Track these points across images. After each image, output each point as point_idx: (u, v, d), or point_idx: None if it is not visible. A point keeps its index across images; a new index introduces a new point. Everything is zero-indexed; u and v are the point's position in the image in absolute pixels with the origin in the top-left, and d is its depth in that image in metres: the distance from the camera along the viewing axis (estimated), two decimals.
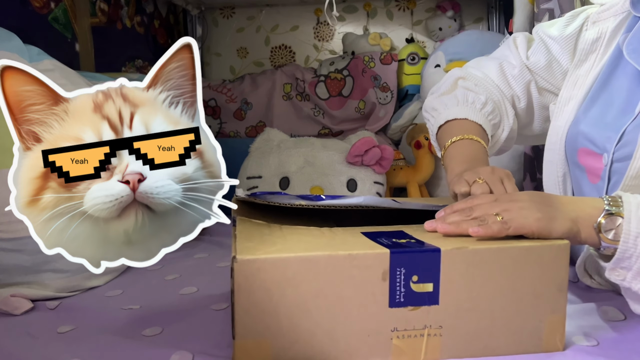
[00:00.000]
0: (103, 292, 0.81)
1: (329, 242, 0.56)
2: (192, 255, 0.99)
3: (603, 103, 0.72)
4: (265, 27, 1.91)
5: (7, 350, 0.62)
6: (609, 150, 0.67)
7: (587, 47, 0.77)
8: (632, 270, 0.55)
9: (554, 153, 0.78)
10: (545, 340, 0.56)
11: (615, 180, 0.68)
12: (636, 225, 0.55)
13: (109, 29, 1.42)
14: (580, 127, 0.73)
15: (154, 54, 1.66)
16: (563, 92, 0.79)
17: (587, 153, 0.72)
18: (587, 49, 0.77)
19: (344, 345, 0.53)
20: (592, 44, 0.77)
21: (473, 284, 0.54)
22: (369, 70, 1.66)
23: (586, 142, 0.72)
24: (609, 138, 0.68)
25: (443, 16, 1.78)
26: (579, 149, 0.73)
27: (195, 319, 0.69)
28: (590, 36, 0.77)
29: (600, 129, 0.70)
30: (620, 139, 0.67)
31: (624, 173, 0.65)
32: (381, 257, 0.52)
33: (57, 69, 0.88)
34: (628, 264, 0.55)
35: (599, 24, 0.77)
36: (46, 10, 1.15)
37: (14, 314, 0.72)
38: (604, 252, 0.58)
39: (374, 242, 0.56)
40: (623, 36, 0.72)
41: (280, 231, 0.60)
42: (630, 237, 0.55)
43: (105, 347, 0.62)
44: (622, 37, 0.72)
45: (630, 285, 0.56)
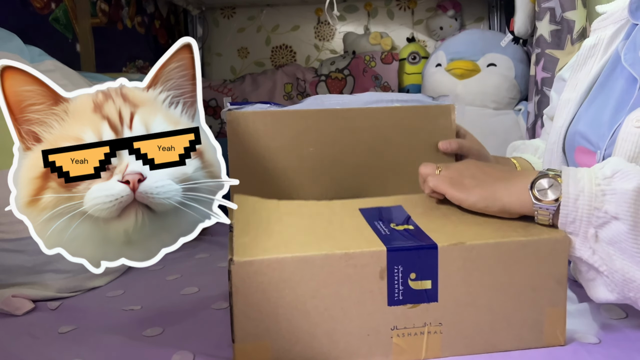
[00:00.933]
0: (104, 293, 0.81)
1: (326, 232, 0.56)
2: (193, 255, 0.99)
3: (600, 104, 0.74)
4: (265, 27, 1.91)
5: (9, 350, 0.62)
6: (601, 148, 0.69)
7: (585, 53, 0.80)
8: (580, 237, 0.54)
9: (553, 154, 0.80)
10: (546, 334, 0.56)
11: None
12: (574, 187, 0.54)
13: (109, 29, 1.42)
14: (578, 127, 0.75)
15: (154, 54, 1.66)
16: (563, 95, 0.82)
17: (583, 152, 0.73)
18: (585, 54, 0.80)
19: (344, 344, 0.53)
20: (590, 49, 0.79)
21: (471, 279, 0.54)
22: (370, 69, 1.66)
23: (583, 140, 0.73)
24: (603, 136, 0.69)
25: (444, 15, 1.78)
26: (576, 148, 0.75)
27: (196, 319, 0.69)
28: (589, 43, 0.80)
29: (596, 128, 0.72)
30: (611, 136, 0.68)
31: None
32: (378, 255, 0.52)
33: (58, 69, 0.88)
34: (573, 229, 0.54)
35: (598, 31, 0.80)
36: (47, 11, 1.15)
37: (16, 314, 0.72)
38: (541, 219, 0.56)
39: (371, 228, 0.55)
40: (622, 42, 0.75)
41: (278, 212, 0.60)
42: (570, 200, 0.54)
43: (106, 348, 0.62)
44: (621, 44, 0.75)
45: (581, 255, 0.54)
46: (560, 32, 1.23)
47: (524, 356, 0.55)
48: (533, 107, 1.31)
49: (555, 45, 1.24)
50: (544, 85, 1.26)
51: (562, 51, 1.24)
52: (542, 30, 1.26)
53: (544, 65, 1.26)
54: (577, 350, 0.56)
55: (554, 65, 1.24)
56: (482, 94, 1.47)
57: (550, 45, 1.25)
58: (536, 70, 1.29)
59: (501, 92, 1.47)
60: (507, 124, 1.47)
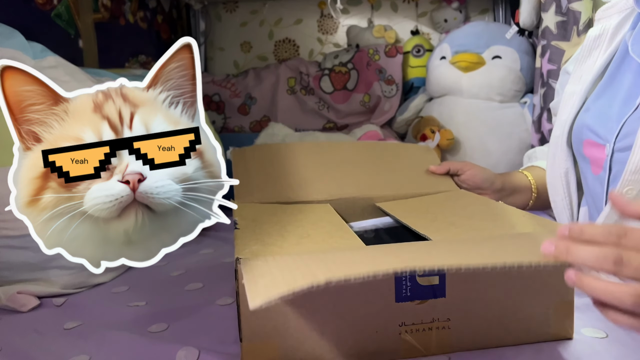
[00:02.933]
0: (109, 289, 0.82)
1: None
2: (197, 251, 0.99)
3: (608, 96, 0.73)
4: (268, 20, 1.90)
5: (14, 347, 0.63)
6: (610, 141, 0.68)
7: (589, 44, 0.78)
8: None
9: (557, 147, 0.79)
10: (554, 328, 0.56)
11: (617, 171, 0.68)
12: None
13: (112, 24, 1.42)
14: (586, 120, 0.74)
15: (157, 49, 1.66)
16: (568, 87, 0.80)
17: (591, 144, 0.73)
18: (589, 45, 0.78)
19: (352, 342, 0.53)
20: (594, 40, 0.78)
21: (478, 275, 0.54)
22: (374, 63, 1.65)
23: (591, 133, 0.72)
24: (612, 129, 0.69)
25: (448, 8, 1.76)
26: (584, 141, 0.74)
27: (201, 315, 0.69)
28: (593, 33, 0.78)
29: (604, 121, 0.71)
30: (620, 130, 0.67)
31: (624, 163, 0.65)
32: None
33: (60, 65, 0.88)
34: None
35: (602, 21, 0.78)
36: (49, 7, 1.15)
37: (21, 310, 0.73)
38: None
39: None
40: (629, 32, 0.73)
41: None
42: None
43: (111, 344, 0.62)
44: (628, 34, 0.73)
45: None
46: (566, 24, 1.21)
47: (533, 350, 0.55)
48: (539, 99, 1.30)
49: (561, 37, 1.23)
50: (549, 77, 1.25)
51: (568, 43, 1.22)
52: (548, 22, 1.24)
53: (549, 57, 1.25)
54: (584, 344, 0.56)
55: (559, 57, 1.23)
56: (487, 86, 1.46)
57: (556, 36, 1.23)
58: (542, 63, 1.28)
59: (506, 84, 1.46)
60: (512, 117, 1.46)
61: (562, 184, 0.79)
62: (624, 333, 0.58)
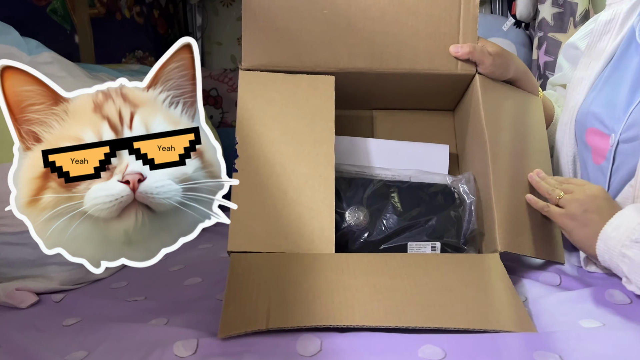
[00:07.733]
0: (108, 284, 0.82)
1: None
2: (196, 245, 0.99)
3: (614, 83, 0.72)
4: None
5: (14, 343, 0.63)
6: (616, 131, 0.67)
7: (600, 29, 0.77)
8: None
9: (565, 134, 0.78)
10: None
11: (620, 162, 0.68)
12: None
13: (108, 19, 1.41)
14: (592, 107, 0.73)
15: (154, 44, 1.65)
16: (576, 73, 0.79)
17: (595, 133, 0.72)
18: (600, 30, 0.77)
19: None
20: (605, 25, 0.76)
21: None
22: None
23: (596, 122, 0.71)
24: (618, 118, 0.68)
25: None
26: (587, 129, 0.73)
27: (200, 310, 0.69)
28: (604, 17, 0.77)
29: (610, 109, 0.70)
30: (627, 120, 0.66)
31: (629, 154, 0.65)
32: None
33: (56, 61, 0.88)
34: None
35: (614, 5, 0.77)
36: (44, 2, 1.15)
37: (20, 307, 0.73)
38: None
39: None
40: (637, 18, 0.72)
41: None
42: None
43: (110, 339, 0.62)
44: (637, 19, 0.72)
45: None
46: (563, 15, 1.21)
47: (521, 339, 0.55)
48: None
49: (557, 29, 1.23)
50: (546, 69, 1.25)
51: (564, 34, 1.22)
52: (545, 13, 1.24)
53: (546, 49, 1.25)
54: (580, 334, 0.56)
55: (556, 49, 1.23)
56: None
57: (552, 28, 1.23)
58: (539, 54, 1.28)
59: None
60: None
61: (570, 171, 0.78)
62: (620, 322, 0.59)
